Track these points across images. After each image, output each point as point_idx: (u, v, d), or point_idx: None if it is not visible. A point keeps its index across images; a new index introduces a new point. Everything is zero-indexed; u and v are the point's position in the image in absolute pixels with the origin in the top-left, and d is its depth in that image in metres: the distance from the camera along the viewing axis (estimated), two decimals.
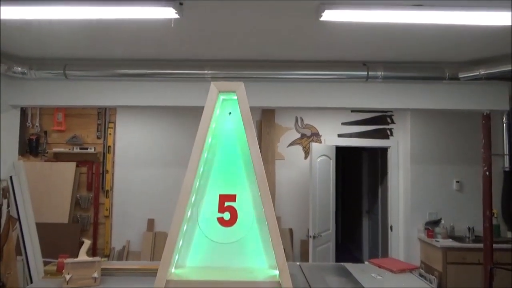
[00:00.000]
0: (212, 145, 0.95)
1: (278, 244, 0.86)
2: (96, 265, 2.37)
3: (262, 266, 0.93)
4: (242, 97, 0.90)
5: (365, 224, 6.59)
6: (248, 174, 0.94)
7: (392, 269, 2.77)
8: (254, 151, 0.90)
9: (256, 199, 0.93)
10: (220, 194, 0.94)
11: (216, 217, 0.94)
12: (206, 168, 0.95)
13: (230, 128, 0.97)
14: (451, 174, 4.89)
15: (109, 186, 4.90)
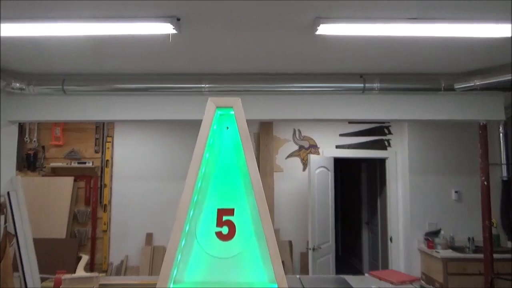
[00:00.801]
0: (210, 160, 0.96)
1: (277, 258, 0.86)
2: (94, 281, 2.35)
3: (261, 280, 0.93)
4: (239, 113, 0.91)
5: (365, 236, 6.56)
6: (246, 188, 0.94)
7: (392, 281, 2.75)
8: (251, 166, 0.90)
9: (255, 212, 0.93)
10: (218, 209, 0.94)
11: (214, 231, 0.94)
12: (204, 182, 0.96)
13: (228, 142, 0.98)
14: (450, 184, 4.89)
15: (107, 200, 4.88)
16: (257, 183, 0.88)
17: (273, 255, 0.87)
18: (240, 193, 0.95)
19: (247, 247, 0.93)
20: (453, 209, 4.85)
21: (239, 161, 0.96)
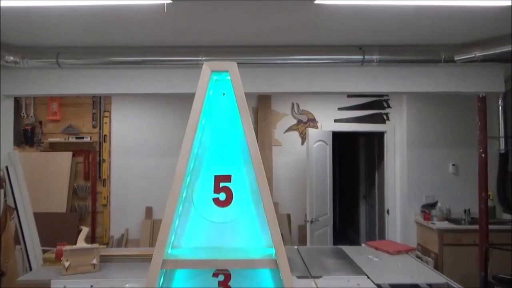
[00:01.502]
0: (206, 126, 0.95)
1: (274, 223, 0.86)
2: (95, 252, 2.39)
3: (258, 246, 0.93)
4: (235, 77, 0.89)
5: (362, 209, 6.64)
6: (243, 155, 0.94)
7: (389, 251, 2.80)
8: (248, 132, 0.90)
9: (252, 179, 0.93)
10: (215, 175, 0.94)
11: (211, 198, 0.94)
12: (201, 149, 0.95)
13: (225, 109, 0.97)
14: (447, 158, 4.91)
15: (106, 175, 4.90)
16: (254, 150, 0.88)
17: (270, 219, 0.88)
18: (237, 160, 0.95)
19: (244, 213, 0.94)
20: (450, 182, 4.89)
21: (236, 128, 0.95)
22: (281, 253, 0.84)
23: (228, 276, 0.93)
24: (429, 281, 2.25)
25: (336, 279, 2.24)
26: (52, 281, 2.24)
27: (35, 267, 2.94)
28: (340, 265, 2.54)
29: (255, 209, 0.94)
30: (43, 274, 2.36)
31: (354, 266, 2.51)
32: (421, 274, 2.40)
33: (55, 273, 2.35)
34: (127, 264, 2.54)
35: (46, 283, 2.24)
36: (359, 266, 2.49)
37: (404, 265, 2.58)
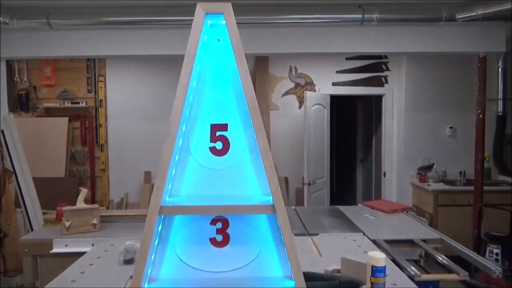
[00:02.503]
0: (202, 74, 0.93)
1: (271, 169, 0.86)
2: (95, 212, 2.42)
3: (255, 194, 0.94)
4: (230, 20, 0.86)
5: (359, 173, 6.70)
6: (240, 103, 0.92)
7: (384, 210, 2.85)
8: (244, 79, 0.88)
9: (248, 127, 0.92)
10: (211, 124, 0.93)
11: (208, 147, 0.93)
12: (196, 97, 0.93)
13: (220, 56, 0.94)
14: (445, 120, 4.91)
15: (104, 140, 4.89)
16: (251, 96, 0.86)
17: (267, 167, 0.87)
18: (233, 108, 0.93)
19: (241, 161, 0.93)
20: (447, 145, 4.91)
21: (232, 76, 0.93)
22: (278, 199, 0.84)
23: (226, 224, 0.93)
24: (423, 237, 2.30)
25: (333, 236, 2.29)
26: (54, 240, 2.28)
27: (36, 228, 2.99)
28: (336, 223, 2.58)
29: (251, 158, 0.93)
30: (45, 234, 2.40)
31: (350, 224, 2.56)
32: (416, 230, 2.45)
33: (56, 233, 2.38)
34: (127, 224, 2.58)
35: (48, 242, 2.28)
36: (356, 224, 2.53)
37: (400, 223, 2.63)
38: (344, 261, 1.69)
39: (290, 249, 0.87)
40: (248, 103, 0.86)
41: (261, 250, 0.93)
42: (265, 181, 0.90)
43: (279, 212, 0.84)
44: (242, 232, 0.94)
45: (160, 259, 0.94)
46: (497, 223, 3.73)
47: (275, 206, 0.85)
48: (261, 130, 0.87)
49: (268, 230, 0.93)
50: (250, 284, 0.91)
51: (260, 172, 0.93)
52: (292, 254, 0.87)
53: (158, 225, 0.91)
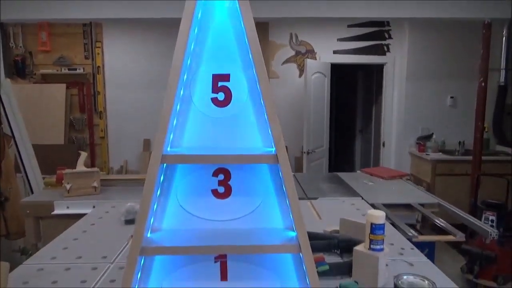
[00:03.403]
0: (203, 21, 0.90)
1: (274, 119, 0.84)
2: (95, 175, 2.42)
3: (258, 145, 0.93)
4: None
5: (358, 143, 6.72)
6: (242, 53, 0.90)
7: (383, 176, 2.86)
8: (248, 27, 0.85)
9: (251, 78, 0.90)
10: (213, 74, 0.91)
11: (210, 97, 0.92)
12: (198, 46, 0.91)
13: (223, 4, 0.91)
14: (446, 90, 4.88)
15: (102, 107, 4.85)
16: (255, 44, 0.84)
17: (270, 116, 0.86)
18: (235, 58, 0.91)
19: (244, 112, 0.92)
20: (447, 115, 4.90)
21: (235, 23, 0.90)
22: (281, 149, 0.83)
23: (228, 175, 0.93)
24: (421, 202, 2.32)
25: (332, 200, 2.31)
26: (55, 202, 2.29)
27: (36, 191, 3.00)
28: (335, 189, 2.60)
29: (254, 109, 0.92)
30: (46, 196, 2.42)
31: (349, 189, 2.58)
32: (414, 196, 2.47)
33: (57, 195, 2.40)
34: (127, 187, 2.59)
35: (49, 204, 2.29)
36: (354, 189, 2.55)
37: (398, 188, 2.66)
38: (343, 221, 1.71)
39: (292, 200, 0.87)
40: (252, 52, 0.84)
41: (263, 201, 0.93)
42: (268, 133, 0.89)
43: (281, 162, 0.84)
44: (244, 184, 0.94)
45: (162, 209, 0.94)
46: (494, 192, 3.76)
47: (278, 156, 0.84)
48: (265, 80, 0.85)
49: (270, 182, 0.93)
50: (252, 233, 0.92)
51: (262, 124, 0.92)
52: (294, 205, 0.88)
53: (160, 176, 0.90)
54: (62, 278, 1.35)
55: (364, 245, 1.37)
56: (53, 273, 1.38)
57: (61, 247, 1.61)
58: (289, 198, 0.87)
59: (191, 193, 0.94)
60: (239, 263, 0.95)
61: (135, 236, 0.86)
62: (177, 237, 0.90)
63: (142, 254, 0.86)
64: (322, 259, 1.30)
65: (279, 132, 0.86)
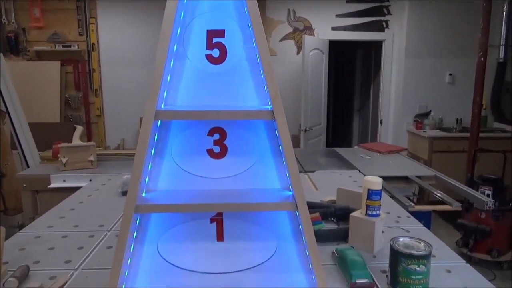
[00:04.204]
0: None
1: (271, 77, 0.83)
2: (91, 149, 2.41)
3: (254, 103, 0.91)
4: None
5: (356, 122, 6.70)
6: (237, 7, 0.87)
7: (380, 151, 2.86)
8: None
9: (246, 33, 0.88)
10: (207, 30, 0.88)
11: (204, 54, 0.89)
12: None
13: None
14: (445, 67, 4.84)
15: (98, 85, 4.80)
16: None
17: (266, 72, 0.84)
18: (230, 13, 0.89)
19: (240, 69, 0.90)
20: (445, 92, 4.88)
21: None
22: (277, 105, 0.82)
23: (224, 135, 0.92)
24: (418, 174, 2.32)
25: (329, 173, 2.31)
26: (51, 175, 2.28)
27: (32, 165, 2.99)
28: (333, 162, 2.60)
29: (250, 66, 0.90)
30: (42, 170, 2.41)
31: (346, 163, 2.58)
32: (411, 169, 2.47)
33: (53, 169, 2.39)
34: (124, 162, 2.59)
35: (45, 177, 2.28)
36: (352, 163, 2.55)
37: (395, 162, 2.66)
38: (340, 191, 1.71)
39: (289, 158, 0.86)
40: (248, 6, 0.81)
41: (259, 160, 0.92)
42: (264, 90, 0.88)
43: (278, 118, 0.83)
44: (240, 144, 0.92)
45: (157, 170, 0.93)
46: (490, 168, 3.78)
47: (275, 112, 0.83)
48: (261, 35, 0.83)
49: (267, 141, 0.92)
50: (249, 192, 0.91)
51: (258, 82, 0.90)
52: (291, 163, 0.87)
53: (154, 134, 0.89)
54: (59, 244, 1.35)
55: (360, 212, 1.38)
56: (50, 240, 1.38)
57: (57, 217, 1.61)
58: (285, 156, 0.86)
59: (186, 153, 0.92)
60: (235, 223, 0.95)
61: (130, 194, 0.85)
62: (173, 196, 0.90)
63: (137, 212, 0.85)
64: (318, 218, 1.30)
65: (276, 89, 0.84)
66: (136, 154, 0.83)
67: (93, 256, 1.27)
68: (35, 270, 1.17)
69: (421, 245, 1.09)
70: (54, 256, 1.26)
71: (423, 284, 1.05)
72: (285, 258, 0.96)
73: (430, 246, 1.09)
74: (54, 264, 1.21)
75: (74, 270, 1.17)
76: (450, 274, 1.18)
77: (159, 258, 0.94)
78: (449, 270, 1.21)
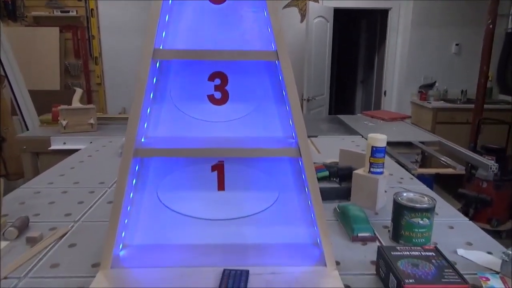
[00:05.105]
0: None
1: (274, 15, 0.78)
2: (91, 112, 2.38)
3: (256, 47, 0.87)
4: None
5: (359, 94, 6.63)
6: None
7: (384, 118, 2.83)
8: None
9: None
10: None
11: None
12: None
13: None
14: (451, 37, 4.73)
15: (98, 52, 4.72)
16: None
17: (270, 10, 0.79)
18: None
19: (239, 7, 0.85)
20: (451, 63, 4.79)
21: None
22: (281, 45, 0.78)
23: (225, 80, 0.88)
24: (422, 140, 2.30)
25: (331, 138, 2.28)
26: (51, 137, 2.27)
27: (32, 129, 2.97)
28: (335, 128, 2.57)
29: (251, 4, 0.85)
30: (42, 132, 2.39)
31: (349, 129, 2.55)
32: (415, 135, 2.45)
33: (53, 132, 2.37)
34: (124, 126, 2.55)
35: (45, 139, 2.27)
36: (355, 129, 2.52)
37: (399, 129, 2.63)
38: (343, 152, 1.69)
39: (293, 102, 0.83)
40: None
41: (261, 106, 0.90)
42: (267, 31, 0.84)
43: (282, 58, 0.79)
44: (242, 89, 0.89)
45: (157, 115, 0.90)
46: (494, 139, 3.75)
47: (278, 52, 0.79)
48: None
49: (270, 86, 0.89)
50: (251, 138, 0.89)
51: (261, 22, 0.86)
52: (295, 108, 0.84)
53: (153, 76, 0.86)
54: (59, 199, 1.35)
55: (363, 169, 1.36)
56: (50, 195, 1.38)
57: (57, 175, 1.60)
58: (289, 100, 0.83)
59: (186, 98, 0.89)
60: (236, 173, 0.93)
61: (128, 137, 0.82)
62: (173, 141, 0.87)
63: (136, 156, 0.83)
64: (322, 167, 1.29)
65: (279, 27, 0.80)
66: (134, 97, 0.80)
67: (94, 210, 1.26)
68: (35, 222, 1.16)
69: (425, 199, 1.08)
70: (54, 210, 1.26)
71: (425, 237, 1.05)
72: (286, 208, 0.95)
73: (434, 200, 1.07)
74: (54, 217, 1.20)
75: (75, 222, 1.17)
76: (453, 230, 1.17)
77: (159, 205, 0.93)
78: (452, 226, 1.20)
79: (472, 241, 1.10)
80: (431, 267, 0.84)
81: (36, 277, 0.88)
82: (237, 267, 0.85)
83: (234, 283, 0.79)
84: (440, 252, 0.90)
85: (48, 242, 1.04)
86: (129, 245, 0.95)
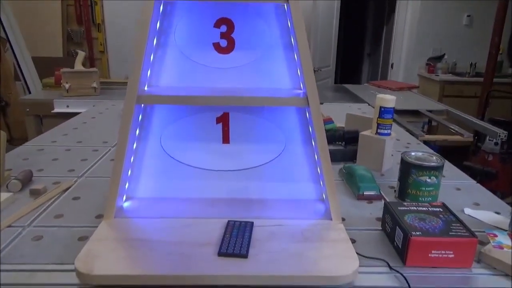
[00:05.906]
0: None
1: None
2: (94, 76, 2.35)
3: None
4: None
5: (365, 66, 6.53)
6: None
7: (391, 87, 2.78)
8: None
9: None
10: None
11: None
12: None
13: None
14: (463, 7, 4.59)
15: (100, 19, 4.63)
16: None
17: None
18: None
19: None
20: (461, 35, 4.67)
21: None
22: None
23: (231, 26, 0.85)
24: (429, 108, 2.26)
25: (338, 105, 2.25)
26: (54, 100, 2.25)
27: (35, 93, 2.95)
28: (342, 96, 2.54)
29: None
30: (45, 95, 2.37)
31: (355, 97, 2.51)
32: (423, 104, 2.40)
33: (56, 95, 2.35)
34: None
35: (49, 102, 2.25)
36: (361, 98, 2.48)
37: (406, 98, 2.58)
38: (349, 116, 1.66)
39: (302, 50, 0.80)
40: None
41: (268, 54, 0.86)
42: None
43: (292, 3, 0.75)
44: (249, 38, 0.86)
45: (160, 63, 0.87)
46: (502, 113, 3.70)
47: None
48: None
49: (278, 32, 0.85)
50: (258, 88, 0.86)
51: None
52: (304, 56, 0.80)
53: (156, 20, 0.82)
54: (63, 156, 1.34)
55: (370, 131, 1.33)
56: (53, 153, 1.37)
57: (60, 134, 1.59)
58: (299, 47, 0.80)
59: (191, 46, 0.86)
60: (241, 125, 0.91)
61: (130, 84, 0.80)
62: (177, 89, 0.85)
63: (139, 103, 0.81)
64: (330, 119, 1.26)
65: None
66: (136, 39, 0.77)
67: (97, 167, 1.25)
68: (38, 176, 1.15)
69: (433, 158, 1.06)
70: (58, 166, 1.25)
71: (432, 196, 1.03)
72: (292, 163, 0.93)
73: (443, 159, 1.05)
74: (58, 172, 1.20)
75: (78, 178, 1.16)
76: (460, 191, 1.16)
77: (162, 156, 0.91)
78: (459, 188, 1.18)
79: (480, 202, 1.08)
80: (439, 221, 0.82)
81: (40, 225, 0.88)
82: (241, 219, 0.84)
83: (239, 232, 0.79)
84: (447, 208, 0.89)
85: (52, 194, 1.04)
86: (133, 197, 0.94)
